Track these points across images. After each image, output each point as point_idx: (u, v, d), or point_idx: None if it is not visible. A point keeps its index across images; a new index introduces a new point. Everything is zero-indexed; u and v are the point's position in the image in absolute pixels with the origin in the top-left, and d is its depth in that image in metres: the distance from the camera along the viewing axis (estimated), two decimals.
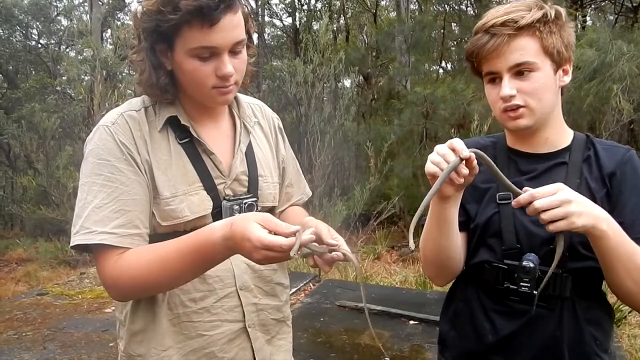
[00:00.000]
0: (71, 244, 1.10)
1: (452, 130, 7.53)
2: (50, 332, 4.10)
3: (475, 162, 1.05)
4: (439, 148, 1.06)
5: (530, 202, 1.02)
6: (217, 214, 1.17)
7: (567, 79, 1.19)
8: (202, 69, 1.09)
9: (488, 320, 1.22)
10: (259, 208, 1.26)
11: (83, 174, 1.13)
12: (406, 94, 9.76)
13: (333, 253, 1.02)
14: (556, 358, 1.16)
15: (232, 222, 0.97)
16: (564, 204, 1.00)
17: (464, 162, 1.03)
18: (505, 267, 1.18)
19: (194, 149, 1.19)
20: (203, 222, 1.15)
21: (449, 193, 1.10)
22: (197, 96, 1.17)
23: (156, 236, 1.14)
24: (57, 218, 7.26)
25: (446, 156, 1.04)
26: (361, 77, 12.57)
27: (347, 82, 12.19)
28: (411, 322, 4.16)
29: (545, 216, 1.01)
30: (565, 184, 1.09)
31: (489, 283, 1.21)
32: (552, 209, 1.00)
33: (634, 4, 9.70)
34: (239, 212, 1.17)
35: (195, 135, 1.18)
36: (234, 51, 1.11)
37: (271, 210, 1.33)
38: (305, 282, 5.31)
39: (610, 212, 1.11)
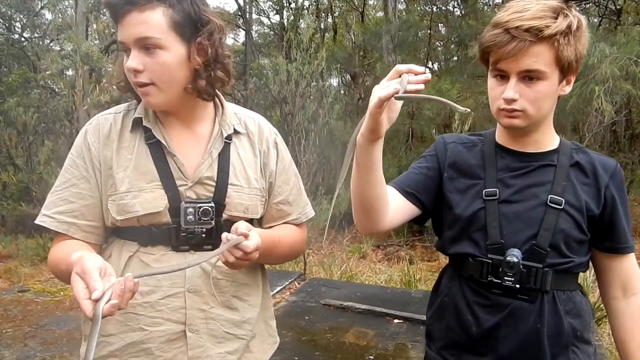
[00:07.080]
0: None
1: (435, 132, 7.57)
2: (32, 329, 4.04)
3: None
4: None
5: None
6: (175, 214, 1.21)
7: (568, 88, 1.21)
8: (123, 64, 1.18)
9: (471, 313, 1.25)
10: (225, 216, 1.25)
11: None
12: None
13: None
14: (536, 348, 1.20)
15: (81, 258, 1.01)
16: None
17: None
18: (490, 261, 1.21)
19: (160, 150, 1.23)
20: (159, 219, 1.20)
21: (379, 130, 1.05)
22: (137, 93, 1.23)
23: (117, 229, 1.24)
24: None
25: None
26: (348, 76, 12.59)
27: (334, 81, 12.20)
28: (396, 320, 4.18)
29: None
30: (552, 184, 1.18)
31: (473, 277, 1.25)
32: None
33: (618, 7, 9.85)
34: (192, 215, 1.21)
35: (157, 137, 1.23)
36: (144, 49, 1.14)
37: (249, 222, 1.28)
38: (290, 280, 5.31)
39: (600, 218, 1.21)
